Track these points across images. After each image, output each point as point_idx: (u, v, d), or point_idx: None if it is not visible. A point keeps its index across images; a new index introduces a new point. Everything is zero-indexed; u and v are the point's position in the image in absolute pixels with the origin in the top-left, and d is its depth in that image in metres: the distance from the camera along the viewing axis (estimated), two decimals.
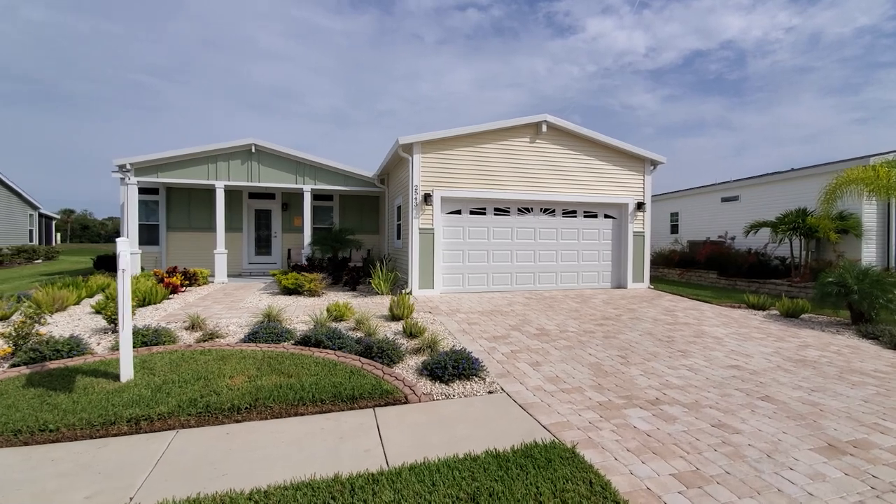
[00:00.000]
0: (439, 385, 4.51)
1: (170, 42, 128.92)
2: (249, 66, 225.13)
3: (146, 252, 14.39)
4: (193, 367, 4.60)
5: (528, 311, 8.39)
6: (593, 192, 11.18)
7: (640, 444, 3.33)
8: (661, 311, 8.66)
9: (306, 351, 5.22)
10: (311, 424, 3.70)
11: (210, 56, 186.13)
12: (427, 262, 9.91)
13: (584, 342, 6.26)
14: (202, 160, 12.93)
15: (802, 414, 3.91)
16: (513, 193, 10.55)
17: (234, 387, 4.11)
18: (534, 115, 10.43)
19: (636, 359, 5.53)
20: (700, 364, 5.36)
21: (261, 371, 4.51)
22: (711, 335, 6.78)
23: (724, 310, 8.90)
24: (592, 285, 11.39)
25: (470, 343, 6.08)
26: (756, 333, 6.94)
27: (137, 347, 5.36)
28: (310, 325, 6.45)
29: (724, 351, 5.94)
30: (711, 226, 17.03)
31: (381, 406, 4.07)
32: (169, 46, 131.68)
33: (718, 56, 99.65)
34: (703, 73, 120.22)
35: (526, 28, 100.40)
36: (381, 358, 4.98)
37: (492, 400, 4.24)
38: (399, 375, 4.59)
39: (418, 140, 9.71)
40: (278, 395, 3.95)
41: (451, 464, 2.93)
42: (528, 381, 4.71)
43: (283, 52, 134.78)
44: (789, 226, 11.41)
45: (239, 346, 5.40)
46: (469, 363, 4.70)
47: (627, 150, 11.27)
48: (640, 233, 11.59)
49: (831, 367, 5.27)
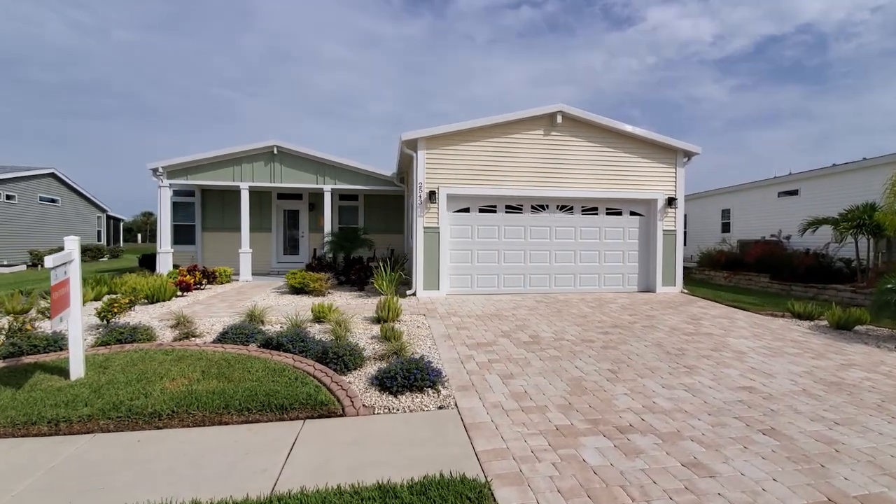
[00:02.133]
0: (386, 397, 4.12)
1: (243, 56, 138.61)
2: (314, 76, 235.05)
3: (184, 251, 15.15)
4: (144, 368, 4.52)
5: (532, 315, 7.77)
6: (617, 188, 10.27)
7: (577, 483, 2.76)
8: (685, 318, 7.71)
9: (266, 354, 5.02)
10: (227, 435, 3.45)
11: (278, 68, 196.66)
12: (432, 262, 9.53)
13: (577, 353, 5.61)
14: (228, 162, 13.35)
15: (809, 455, 3.13)
16: (526, 190, 9.91)
17: (167, 391, 3.95)
18: (548, 104, 9.71)
19: (628, 374, 4.83)
20: (704, 384, 4.58)
21: (205, 374, 4.35)
22: (733, 349, 5.87)
23: (762, 319, 7.77)
24: (615, 288, 10.47)
25: (448, 350, 5.63)
26: (791, 348, 5.93)
27: (111, 344, 5.43)
28: (287, 326, 6.28)
29: (742, 368, 5.07)
30: (767, 224, 15.29)
31: (314, 418, 3.75)
32: (242, 61, 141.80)
33: (795, 41, 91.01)
34: (778, 60, 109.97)
35: (581, 22, 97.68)
36: (335, 364, 4.67)
37: (436, 417, 3.79)
38: (345, 385, 4.25)
39: (422, 136, 9.34)
40: (206, 402, 3.74)
41: (331, 495, 2.53)
42: (490, 396, 4.20)
43: (345, 60, 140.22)
44: (853, 223, 9.86)
45: (205, 347, 5.31)
46: (423, 374, 4.27)
47: (656, 140, 10.24)
48: (671, 231, 10.51)
49: (872, 394, 4.30)
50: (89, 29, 70.41)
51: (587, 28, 70.84)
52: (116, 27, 74.91)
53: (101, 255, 24.02)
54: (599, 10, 65.49)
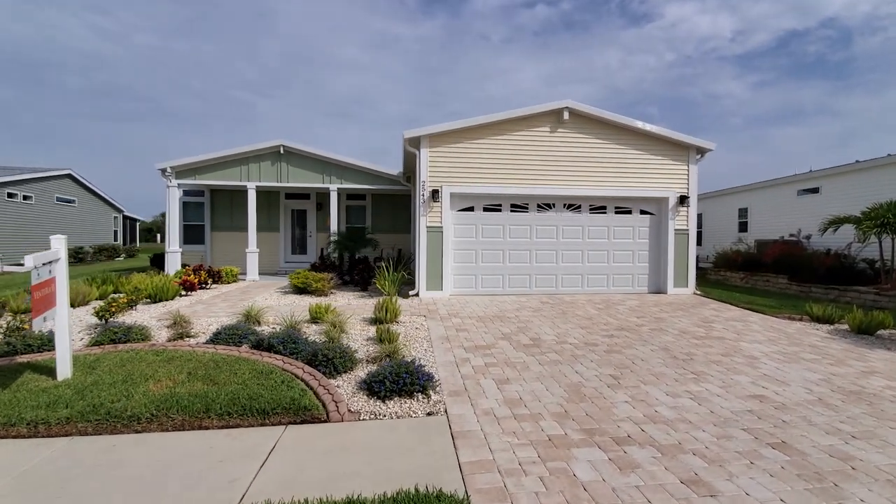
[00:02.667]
0: (374, 402, 3.97)
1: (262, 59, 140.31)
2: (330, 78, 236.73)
3: (194, 251, 15.26)
4: (131, 369, 4.44)
5: (535, 317, 7.55)
6: (626, 186, 9.96)
7: (563, 501, 2.56)
8: (696, 321, 7.40)
9: (256, 355, 4.91)
10: (205, 441, 3.33)
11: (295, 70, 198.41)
12: (436, 262, 9.36)
13: (578, 357, 5.38)
14: (235, 162, 13.38)
15: (822, 472, 2.87)
16: (531, 188, 9.68)
17: (150, 393, 3.86)
18: (554, 101, 9.46)
19: (630, 381, 4.60)
20: (712, 391, 4.32)
21: (191, 376, 4.25)
22: (746, 354, 5.57)
23: (778, 322, 7.42)
24: (625, 290, 10.16)
25: (444, 353, 5.46)
26: (808, 354, 5.61)
27: (105, 344, 5.39)
28: (283, 327, 6.18)
29: (753, 375, 4.79)
30: (786, 223, 14.75)
31: (297, 423, 3.62)
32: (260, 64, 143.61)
33: (818, 35, 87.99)
34: (801, 55, 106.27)
35: (598, 19, 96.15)
36: (325, 367, 4.53)
37: (424, 424, 3.62)
38: (332, 389, 4.11)
39: (425, 133, 9.18)
40: (186, 406, 3.63)
41: None
42: (482, 402, 4.02)
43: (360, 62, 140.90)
44: (877, 221, 9.39)
45: (197, 348, 5.23)
46: (413, 378, 4.11)
47: (667, 136, 9.91)
48: (683, 230, 10.16)
49: (895, 405, 3.99)
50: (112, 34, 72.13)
51: (603, 25, 69.84)
52: (138, 32, 76.58)
53: (116, 254, 24.46)
54: (616, 7, 64.59)
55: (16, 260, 17.81)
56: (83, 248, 21.10)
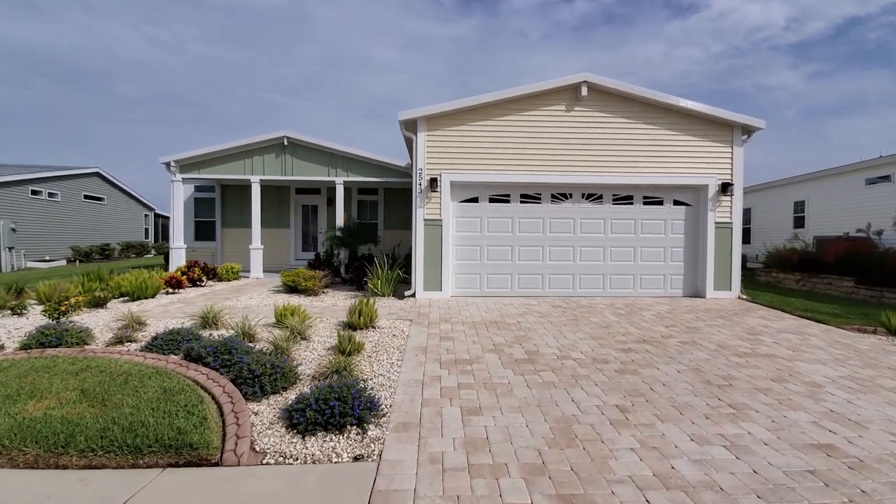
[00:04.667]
0: (292, 438, 3.05)
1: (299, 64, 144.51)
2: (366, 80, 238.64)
3: (205, 247, 15.01)
4: (32, 381, 3.73)
5: (540, 324, 6.43)
6: (657, 172, 8.62)
7: None
8: (740, 332, 6.07)
9: (181, 367, 4.11)
10: (44, 488, 2.52)
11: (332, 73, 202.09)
12: (434, 259, 8.39)
13: (581, 377, 4.27)
14: (238, 155, 12.90)
15: None
16: (544, 176, 8.51)
17: (20, 415, 3.10)
18: (570, 74, 8.26)
19: (643, 415, 3.46)
20: (757, 436, 3.13)
21: (83, 395, 3.47)
22: (805, 379, 4.28)
23: (845, 335, 5.97)
24: (655, 292, 8.82)
25: (412, 368, 4.48)
26: (889, 380, 4.25)
27: (33, 348, 4.76)
28: (237, 331, 5.37)
29: (817, 412, 3.54)
30: (851, 217, 12.79)
31: (179, 466, 2.76)
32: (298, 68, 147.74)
33: (881, 22, 79.76)
34: (861, 43, 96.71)
35: (640, 12, 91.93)
36: (251, 385, 3.66)
37: (343, 475, 2.67)
38: (244, 418, 3.21)
39: (422, 115, 8.22)
40: (45, 437, 2.84)
41: None
42: (434, 443, 3.02)
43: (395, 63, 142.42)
44: None
45: (124, 356, 4.49)
46: (345, 406, 3.16)
47: (706, 113, 8.48)
48: (725, 224, 8.70)
49: None
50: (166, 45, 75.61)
51: (646, 18, 66.19)
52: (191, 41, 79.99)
53: (145, 251, 24.94)
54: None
55: (40, 256, 18.23)
56: (109, 244, 21.50)
